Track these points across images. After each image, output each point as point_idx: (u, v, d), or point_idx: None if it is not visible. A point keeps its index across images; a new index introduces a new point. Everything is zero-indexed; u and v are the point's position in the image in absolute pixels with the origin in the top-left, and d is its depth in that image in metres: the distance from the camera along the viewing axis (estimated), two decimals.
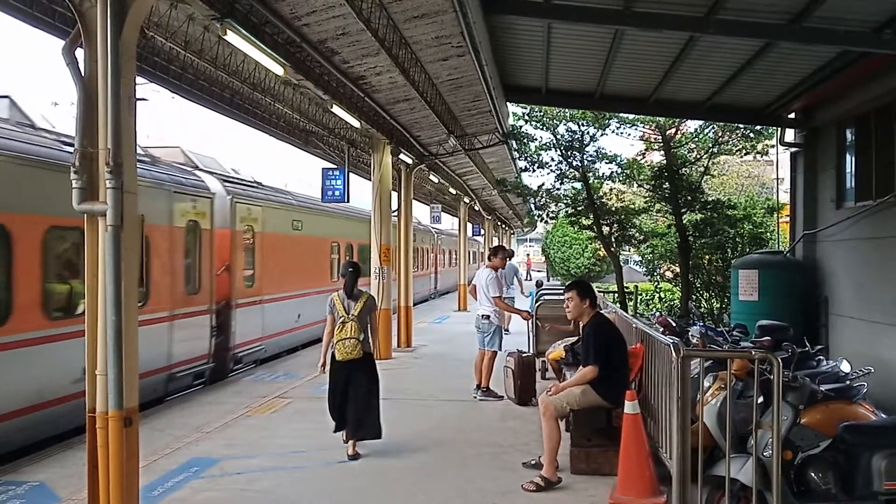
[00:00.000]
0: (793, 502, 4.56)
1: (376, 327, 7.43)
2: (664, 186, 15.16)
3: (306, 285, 15.30)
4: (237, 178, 13.65)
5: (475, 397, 9.61)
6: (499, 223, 42.80)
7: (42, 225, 7.54)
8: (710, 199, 15.93)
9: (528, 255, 30.15)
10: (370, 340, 7.11)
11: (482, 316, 9.64)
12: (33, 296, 7.42)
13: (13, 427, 7.13)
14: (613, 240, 17.15)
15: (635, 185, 17.06)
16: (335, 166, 15.55)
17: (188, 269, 10.67)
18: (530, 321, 11.15)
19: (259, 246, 13.07)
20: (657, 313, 11.84)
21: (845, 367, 5.88)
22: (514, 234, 59.12)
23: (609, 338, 6.27)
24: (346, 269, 7.21)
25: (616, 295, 17.24)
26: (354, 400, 6.99)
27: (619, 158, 16.34)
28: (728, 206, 15.78)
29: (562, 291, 12.97)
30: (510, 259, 18.95)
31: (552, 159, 16.47)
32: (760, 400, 4.61)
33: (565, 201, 17.92)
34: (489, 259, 10.15)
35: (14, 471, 6.49)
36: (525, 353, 9.75)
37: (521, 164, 17.88)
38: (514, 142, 16.70)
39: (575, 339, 8.08)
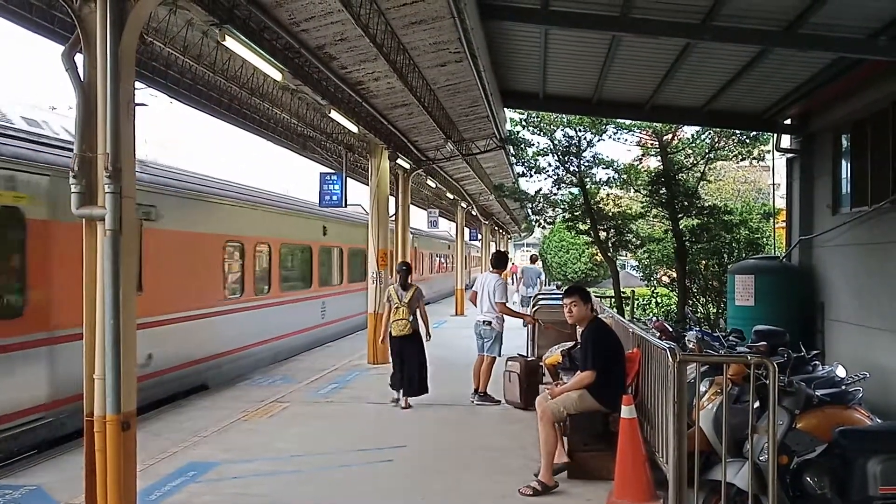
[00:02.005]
0: None
1: (424, 311, 9.58)
2: (661, 192, 15.20)
3: (167, 308, 10.00)
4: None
5: (472, 402, 9.63)
6: (496, 228, 42.87)
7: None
8: (706, 204, 15.98)
9: (513, 262, 29.97)
10: (419, 321, 9.43)
11: (484, 322, 9.65)
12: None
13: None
14: (610, 245, 17.19)
15: (632, 190, 17.11)
16: (333, 171, 15.59)
17: None
18: (529, 326, 11.22)
19: (36, 243, 7.58)
20: (654, 318, 11.87)
21: (841, 372, 5.90)
22: (511, 238, 59.16)
23: (607, 343, 6.30)
24: (400, 267, 9.83)
25: (613, 300, 17.28)
26: (408, 367, 9.31)
27: (616, 164, 16.42)
28: (724, 211, 15.80)
29: (559, 297, 13.01)
30: (533, 263, 22.22)
31: (549, 164, 16.54)
32: (756, 405, 4.62)
33: (562, 206, 17.97)
34: (493, 266, 10.13)
35: (11, 474, 6.49)
36: (529, 358, 9.79)
37: (519, 169, 17.96)
38: (511, 147, 16.75)
39: (572, 343, 8.10)
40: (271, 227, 13.89)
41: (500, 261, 10.20)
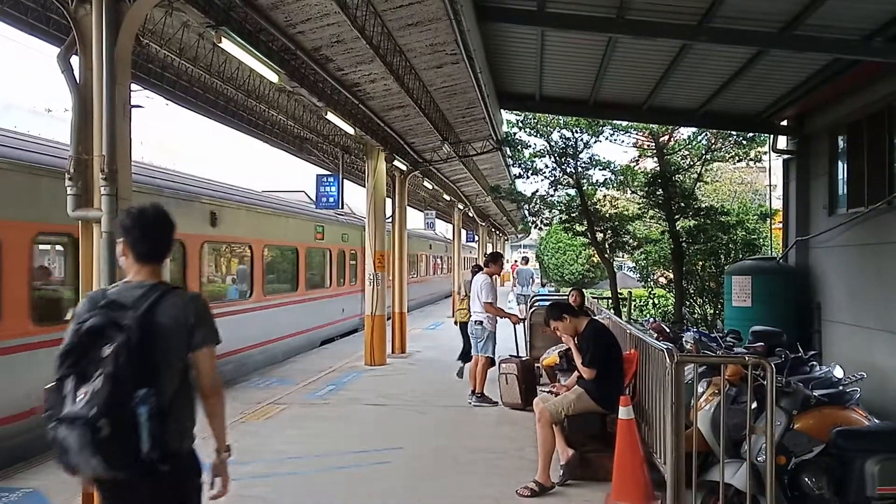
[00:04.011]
0: None
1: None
2: (658, 193, 15.22)
3: None
4: None
5: (470, 403, 9.62)
6: (493, 229, 42.88)
7: None
8: (703, 205, 16.00)
9: (515, 261, 30.57)
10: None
11: (475, 322, 9.67)
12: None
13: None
14: (607, 246, 17.20)
15: (629, 191, 17.13)
16: (330, 173, 15.59)
17: None
18: (521, 326, 11.24)
19: None
20: (651, 319, 11.87)
21: (838, 372, 5.90)
22: (507, 240, 59.20)
23: (606, 343, 6.33)
24: (473, 269, 11.62)
25: (610, 301, 17.29)
26: (465, 344, 11.48)
27: (612, 165, 16.43)
28: (721, 212, 15.84)
29: (555, 297, 13.09)
30: (525, 264, 24.24)
31: (546, 166, 16.54)
32: (754, 405, 4.63)
33: (559, 208, 17.97)
34: (485, 265, 10.17)
35: (7, 477, 6.46)
36: (523, 357, 9.79)
37: (515, 170, 17.94)
38: (507, 149, 16.75)
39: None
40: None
41: (487, 261, 10.26)
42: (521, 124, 15.95)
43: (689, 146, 15.89)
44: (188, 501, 2.96)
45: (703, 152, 15.31)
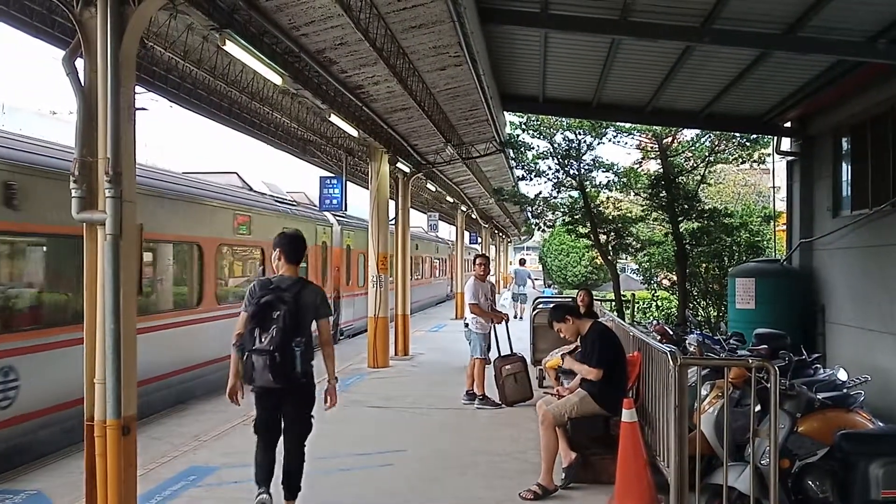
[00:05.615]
0: None
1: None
2: (661, 195, 15.19)
3: None
4: None
5: (473, 404, 9.60)
6: (496, 231, 42.86)
7: None
8: (706, 207, 15.95)
9: (521, 260, 30.75)
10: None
11: (465, 324, 9.80)
12: None
13: None
14: (610, 248, 17.17)
15: (632, 193, 17.10)
16: (333, 175, 15.60)
17: None
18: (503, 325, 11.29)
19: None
20: (654, 321, 11.85)
21: (842, 375, 5.88)
22: (511, 242, 59.19)
23: (610, 345, 6.34)
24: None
25: (613, 303, 17.27)
26: None
27: (616, 167, 16.40)
28: (725, 214, 15.80)
29: (558, 299, 13.16)
30: (522, 265, 26.49)
31: (549, 168, 16.51)
32: (758, 408, 4.62)
33: (562, 210, 17.96)
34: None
35: (11, 479, 6.47)
36: (518, 354, 9.96)
37: (519, 172, 17.91)
38: (511, 150, 16.75)
39: (573, 346, 8.10)
40: None
41: (473, 262, 10.42)
42: (524, 126, 15.93)
43: (693, 148, 15.86)
44: (312, 402, 5.34)
45: (707, 154, 15.27)
